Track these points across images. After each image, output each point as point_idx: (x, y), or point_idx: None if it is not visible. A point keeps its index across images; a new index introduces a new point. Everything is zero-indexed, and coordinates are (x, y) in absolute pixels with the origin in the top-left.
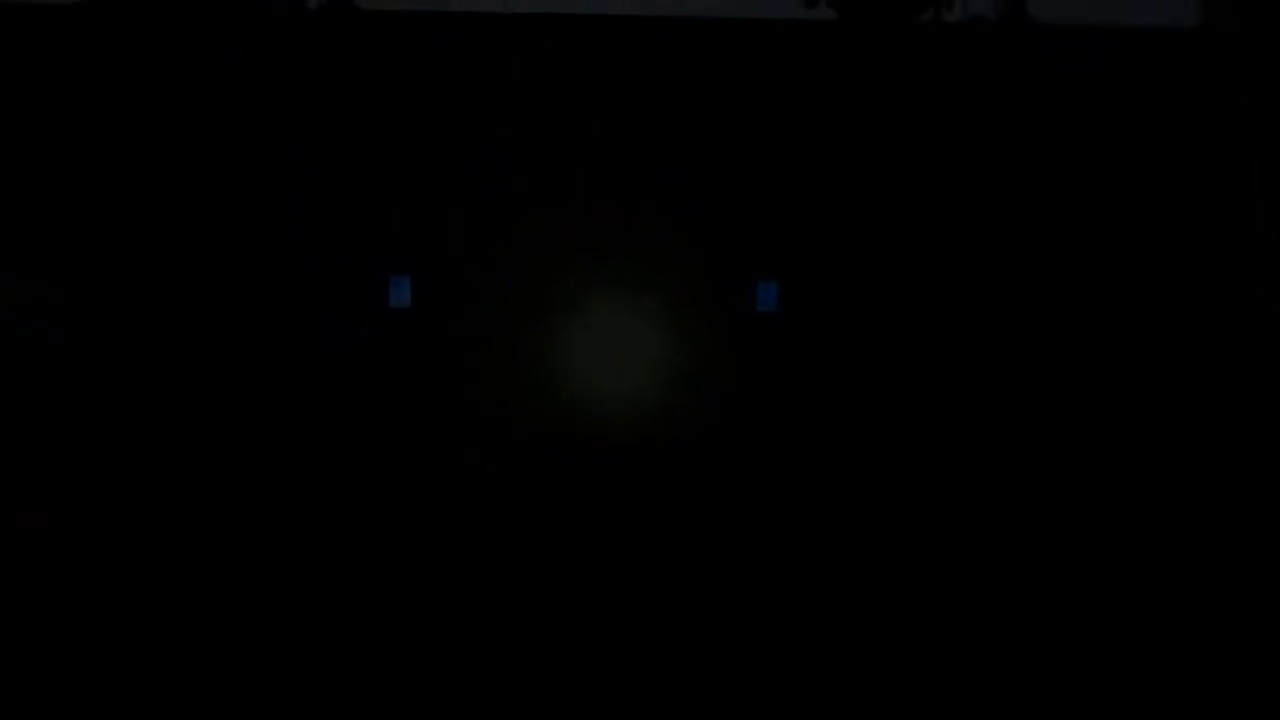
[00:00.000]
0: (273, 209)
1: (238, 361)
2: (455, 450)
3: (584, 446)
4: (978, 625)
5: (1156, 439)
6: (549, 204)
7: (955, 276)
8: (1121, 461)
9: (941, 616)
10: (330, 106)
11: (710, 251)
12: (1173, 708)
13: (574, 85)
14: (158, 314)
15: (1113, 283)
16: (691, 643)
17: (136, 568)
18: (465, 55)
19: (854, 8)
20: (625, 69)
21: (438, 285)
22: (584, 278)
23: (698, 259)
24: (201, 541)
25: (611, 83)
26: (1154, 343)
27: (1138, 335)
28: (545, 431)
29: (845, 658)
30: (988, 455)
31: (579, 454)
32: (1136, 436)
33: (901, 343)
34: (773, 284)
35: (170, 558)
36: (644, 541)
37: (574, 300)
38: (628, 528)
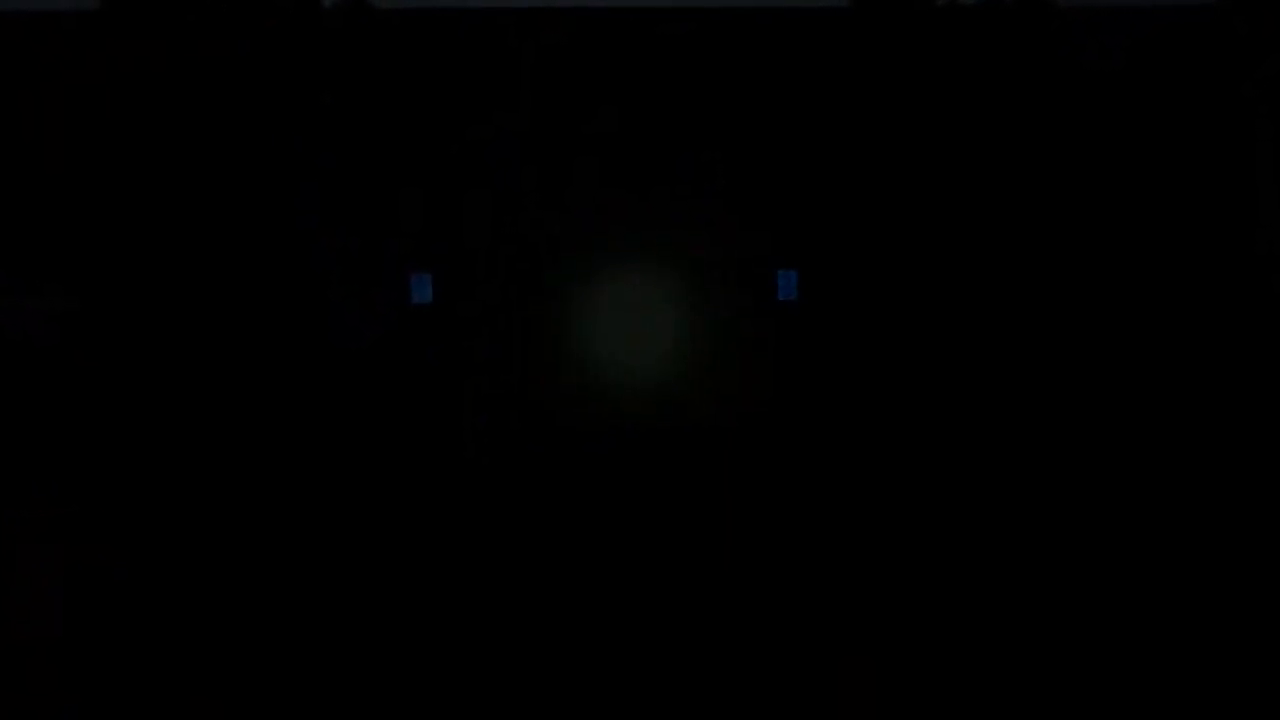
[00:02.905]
0: (291, 209)
1: (255, 361)
2: (479, 441)
3: (607, 435)
4: (988, 615)
5: (1173, 418)
6: (567, 197)
7: (971, 263)
8: (1130, 446)
9: (950, 606)
10: (348, 106)
11: (730, 241)
12: (1174, 694)
13: (589, 78)
14: (181, 316)
15: (1123, 275)
16: (703, 625)
17: (155, 563)
18: (481, 50)
19: None
20: (640, 61)
21: (459, 281)
22: (605, 270)
23: (718, 249)
24: (222, 537)
25: (627, 75)
26: (1173, 324)
27: (1154, 320)
28: (568, 421)
29: (852, 644)
30: (1002, 447)
31: (602, 442)
32: (1152, 420)
33: (922, 330)
34: (793, 273)
35: (188, 552)
36: (666, 524)
37: (596, 292)
38: (651, 511)
